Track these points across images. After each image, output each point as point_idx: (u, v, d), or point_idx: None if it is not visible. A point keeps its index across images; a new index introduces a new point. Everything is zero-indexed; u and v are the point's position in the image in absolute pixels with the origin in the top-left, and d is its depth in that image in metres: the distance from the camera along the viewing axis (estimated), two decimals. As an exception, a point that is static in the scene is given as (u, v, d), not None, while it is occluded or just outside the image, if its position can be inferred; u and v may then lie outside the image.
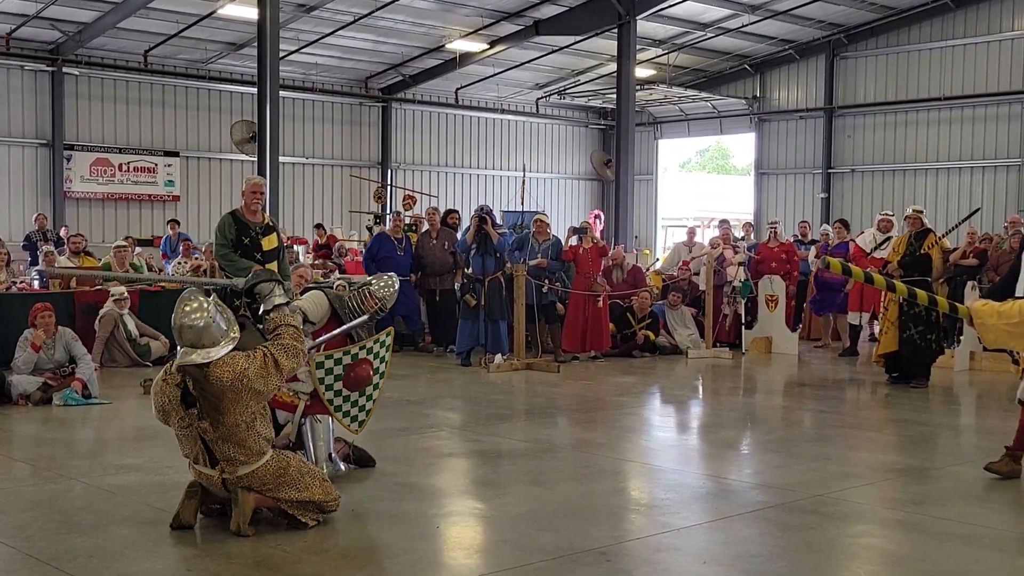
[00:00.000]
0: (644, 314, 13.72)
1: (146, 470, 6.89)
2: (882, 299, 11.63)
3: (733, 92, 29.62)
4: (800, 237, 16.33)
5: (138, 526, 5.62)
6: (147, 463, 7.04)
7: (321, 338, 6.65)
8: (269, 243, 8.92)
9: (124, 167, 24.04)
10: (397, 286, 6.99)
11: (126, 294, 11.97)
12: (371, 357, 6.67)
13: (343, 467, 6.67)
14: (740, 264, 14.33)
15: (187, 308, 5.37)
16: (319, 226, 21.29)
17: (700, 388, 11.61)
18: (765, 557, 5.22)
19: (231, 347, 5.35)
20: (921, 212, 11.70)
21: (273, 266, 8.83)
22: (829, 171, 27.92)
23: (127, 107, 24.11)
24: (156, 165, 24.51)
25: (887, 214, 14.05)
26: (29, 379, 9.37)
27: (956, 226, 12.89)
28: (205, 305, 5.38)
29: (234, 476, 5.42)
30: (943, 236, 12.26)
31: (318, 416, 6.64)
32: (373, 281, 6.93)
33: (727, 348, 13.86)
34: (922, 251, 11.19)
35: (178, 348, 5.43)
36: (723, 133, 32.35)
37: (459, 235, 13.47)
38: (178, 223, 20.63)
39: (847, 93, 27.48)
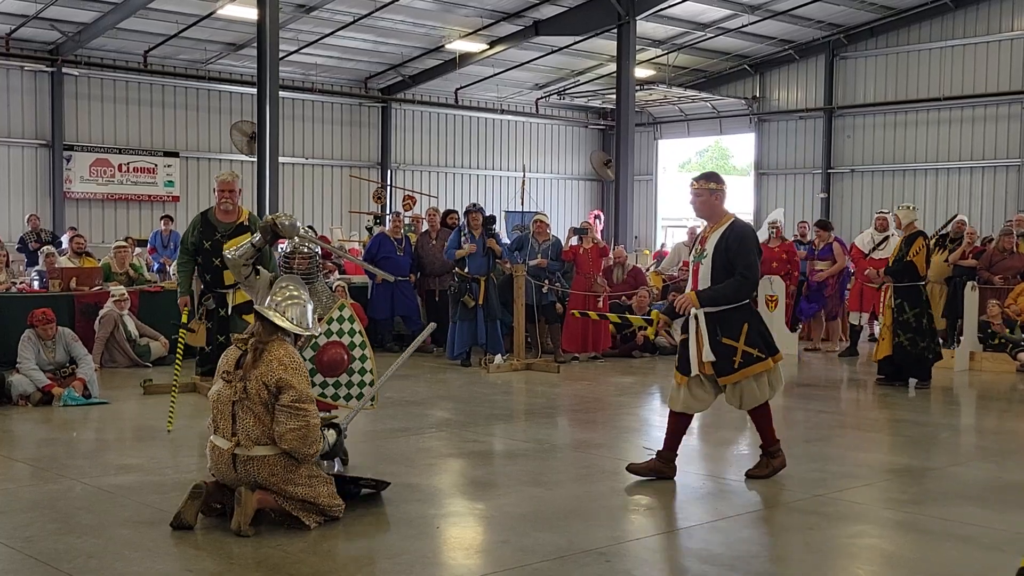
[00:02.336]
0: (643, 313, 13.73)
1: (146, 470, 6.89)
2: (882, 300, 11.59)
3: (733, 92, 29.63)
4: (799, 238, 16.32)
5: (138, 526, 5.63)
6: (147, 463, 7.04)
7: None
8: (234, 247, 7.52)
9: (124, 167, 24.05)
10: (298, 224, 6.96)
11: (126, 294, 11.98)
12: (337, 337, 6.64)
13: (339, 466, 6.65)
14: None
15: (300, 291, 5.96)
16: (311, 228, 21.10)
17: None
18: (764, 557, 5.22)
19: (304, 333, 5.79)
20: (909, 209, 11.32)
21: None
22: (829, 171, 27.93)
23: (127, 107, 24.12)
24: (156, 166, 24.52)
25: (884, 213, 14.06)
26: (35, 376, 9.33)
27: (938, 232, 12.76)
28: (307, 298, 5.97)
29: (246, 454, 5.46)
30: (931, 240, 12.22)
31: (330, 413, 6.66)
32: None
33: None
34: (908, 257, 10.95)
35: (269, 301, 5.85)
36: (723, 133, 32.36)
37: (450, 239, 13.31)
38: (171, 219, 20.42)
39: (847, 93, 27.48)
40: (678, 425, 6.83)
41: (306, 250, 6.85)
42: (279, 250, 7.74)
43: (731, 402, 6.70)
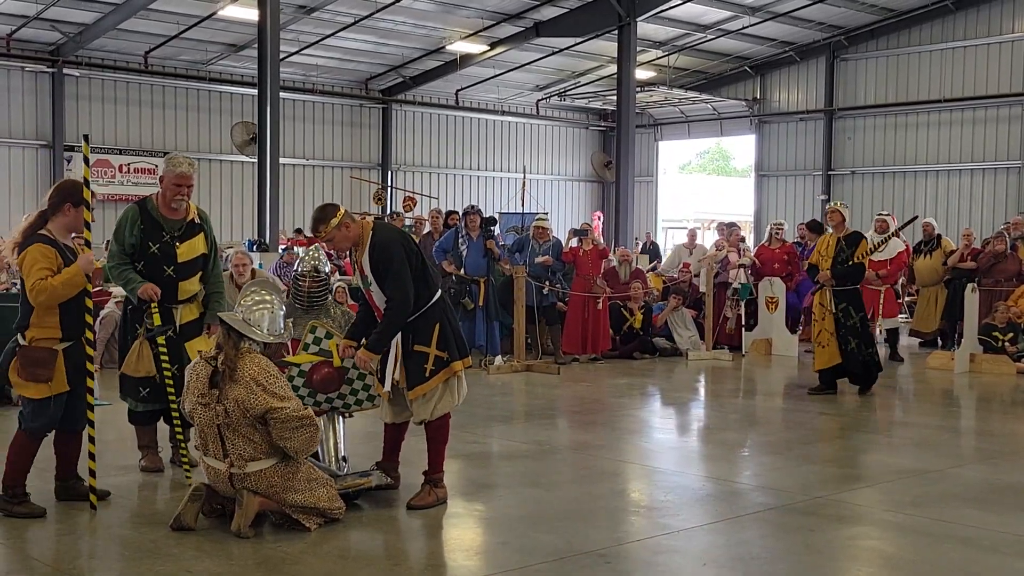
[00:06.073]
0: (638, 304, 13.79)
1: (146, 471, 6.88)
2: (817, 306, 10.73)
3: (733, 94, 29.64)
4: (800, 240, 16.33)
5: (138, 527, 5.63)
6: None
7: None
8: (189, 250, 6.60)
9: (124, 168, 24.06)
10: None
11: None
12: (322, 357, 6.40)
13: (347, 466, 6.65)
14: (742, 267, 14.33)
15: (269, 294, 5.81)
16: (299, 231, 21.02)
17: (700, 390, 11.61)
18: (765, 559, 5.22)
19: (270, 340, 5.66)
20: (842, 207, 10.80)
21: (193, 283, 6.65)
22: (829, 173, 27.94)
23: (127, 108, 24.12)
24: (156, 167, 24.51)
25: (884, 215, 14.05)
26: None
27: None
28: (279, 301, 5.83)
29: (242, 472, 5.44)
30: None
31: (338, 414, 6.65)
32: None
33: (727, 350, 13.86)
34: (855, 259, 10.35)
35: (236, 307, 5.73)
36: (723, 135, 32.38)
37: (442, 238, 13.29)
38: None
39: (847, 95, 27.49)
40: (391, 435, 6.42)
41: (316, 273, 6.82)
42: (294, 268, 7.29)
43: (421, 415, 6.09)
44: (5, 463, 5.83)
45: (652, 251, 23.49)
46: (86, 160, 6.05)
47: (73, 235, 5.95)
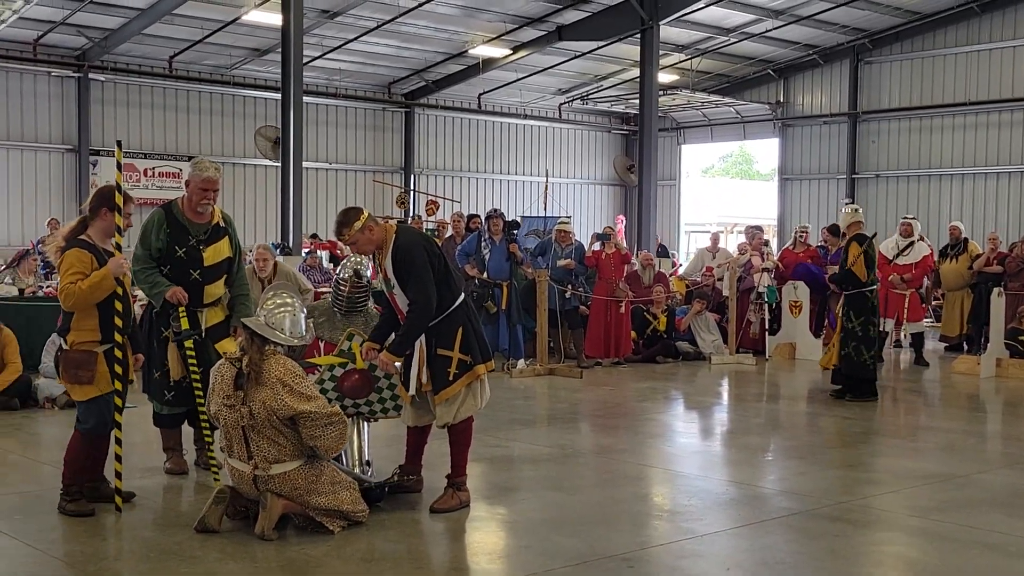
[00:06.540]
0: (661, 308, 13.77)
1: (171, 474, 6.92)
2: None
3: (756, 97, 29.52)
4: (824, 244, 16.26)
5: (163, 529, 5.66)
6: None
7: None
8: (214, 254, 6.62)
9: (149, 172, 24.18)
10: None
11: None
12: (352, 365, 6.44)
13: (371, 471, 6.66)
14: (765, 270, 14.28)
15: (290, 297, 5.89)
16: (314, 236, 21.00)
17: (723, 394, 11.57)
18: (789, 564, 5.20)
19: (294, 343, 5.70)
20: (853, 211, 10.79)
21: (218, 287, 6.68)
22: (853, 176, 27.78)
23: (152, 113, 24.25)
24: (181, 170, 24.62)
25: (909, 218, 13.96)
26: (56, 383, 9.42)
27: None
28: (300, 304, 5.89)
29: (266, 474, 5.46)
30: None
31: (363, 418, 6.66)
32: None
33: (750, 354, 13.81)
34: (848, 265, 10.44)
35: (258, 311, 5.80)
36: (746, 138, 32.25)
37: (464, 242, 13.30)
38: None
39: (871, 98, 27.33)
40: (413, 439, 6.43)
41: (357, 279, 6.79)
42: (337, 272, 7.17)
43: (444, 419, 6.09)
44: (63, 462, 5.95)
45: (660, 252, 23.35)
46: (119, 165, 6.09)
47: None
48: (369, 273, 6.95)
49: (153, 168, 24.26)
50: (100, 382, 5.85)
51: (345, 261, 6.98)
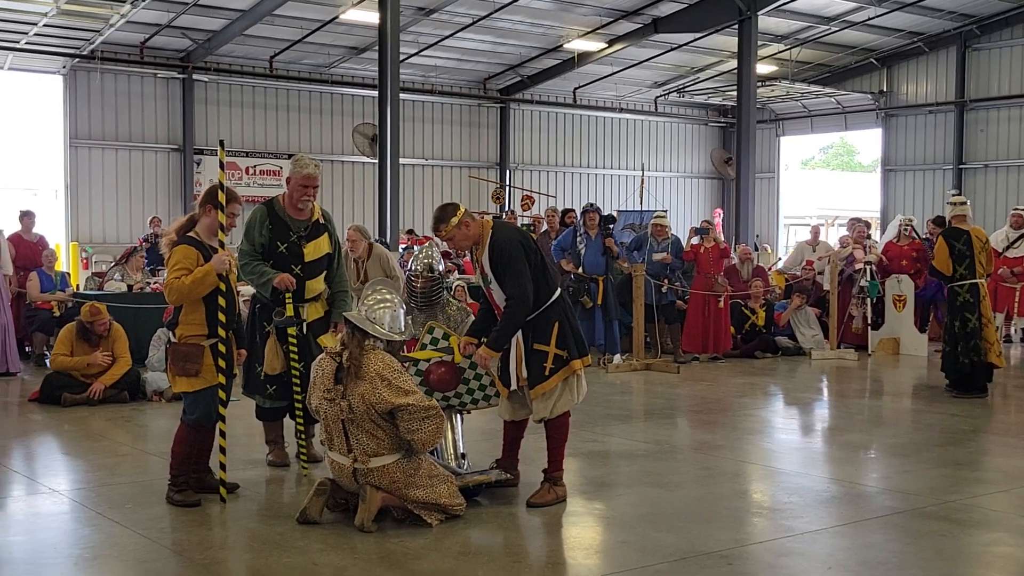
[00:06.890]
0: (759, 303, 13.60)
1: (273, 466, 7.07)
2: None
3: (858, 87, 28.89)
4: (930, 236, 15.85)
5: (266, 520, 5.78)
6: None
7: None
8: (315, 250, 6.79)
9: (251, 170, 24.69)
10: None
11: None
12: (439, 357, 6.44)
13: (466, 464, 6.70)
14: (867, 264, 13.98)
15: (390, 293, 5.94)
16: (410, 232, 21.21)
17: (824, 390, 11.36)
18: (893, 564, 5.07)
19: (394, 338, 5.73)
20: (957, 203, 10.58)
21: (319, 282, 6.86)
22: (960, 167, 27.01)
23: (253, 112, 24.76)
24: (281, 168, 25.10)
25: (1019, 209, 13.52)
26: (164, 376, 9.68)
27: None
28: (399, 300, 5.96)
29: (365, 467, 5.54)
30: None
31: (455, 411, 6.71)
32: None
33: (852, 349, 13.54)
34: (930, 259, 10.50)
35: (359, 306, 5.86)
36: (848, 129, 31.59)
37: (560, 236, 13.27)
38: None
39: (980, 86, 26.52)
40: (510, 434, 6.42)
41: (430, 272, 6.79)
42: (407, 267, 7.12)
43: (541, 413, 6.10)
44: (170, 454, 6.12)
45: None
46: (221, 164, 6.23)
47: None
48: (442, 267, 6.96)
49: (254, 166, 24.76)
50: (206, 375, 6.02)
51: (416, 255, 6.94)
